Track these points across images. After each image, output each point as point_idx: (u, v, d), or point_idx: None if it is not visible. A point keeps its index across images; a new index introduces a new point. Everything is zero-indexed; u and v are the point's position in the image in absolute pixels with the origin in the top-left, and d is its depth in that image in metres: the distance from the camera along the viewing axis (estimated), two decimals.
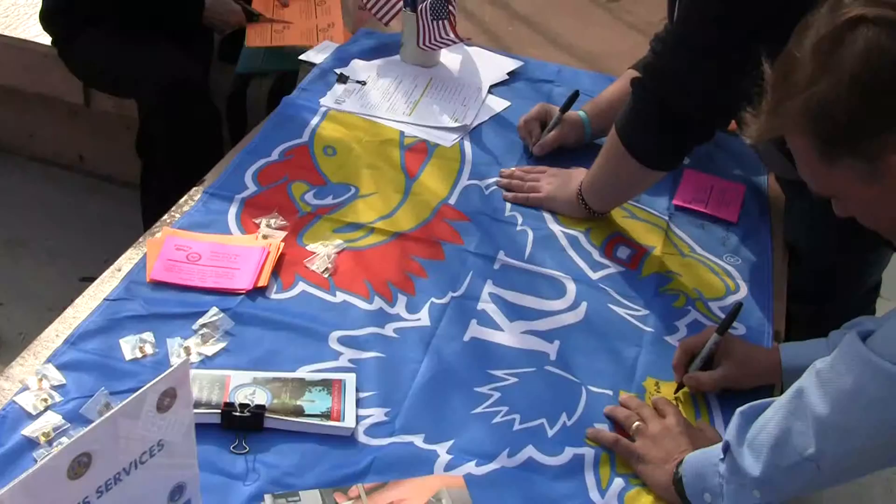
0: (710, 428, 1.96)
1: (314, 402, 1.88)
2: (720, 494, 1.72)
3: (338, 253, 2.30)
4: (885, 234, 1.72)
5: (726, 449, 1.72)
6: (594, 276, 2.35)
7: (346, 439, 1.85)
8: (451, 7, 3.01)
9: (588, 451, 1.90)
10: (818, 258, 2.60)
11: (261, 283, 2.17)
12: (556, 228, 2.49)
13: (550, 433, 1.93)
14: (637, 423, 1.92)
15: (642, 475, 1.86)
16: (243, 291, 2.15)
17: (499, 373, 2.06)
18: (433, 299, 2.22)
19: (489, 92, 3.06)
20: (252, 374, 1.93)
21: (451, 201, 2.54)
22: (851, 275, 2.70)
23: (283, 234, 2.32)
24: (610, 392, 2.05)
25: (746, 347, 2.10)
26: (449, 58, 3.20)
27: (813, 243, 2.54)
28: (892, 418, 1.53)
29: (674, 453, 1.84)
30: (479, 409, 1.97)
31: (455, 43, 3.06)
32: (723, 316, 2.17)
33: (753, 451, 1.67)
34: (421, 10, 2.97)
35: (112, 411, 1.31)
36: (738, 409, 1.74)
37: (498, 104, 3.00)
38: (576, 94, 2.81)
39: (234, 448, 1.80)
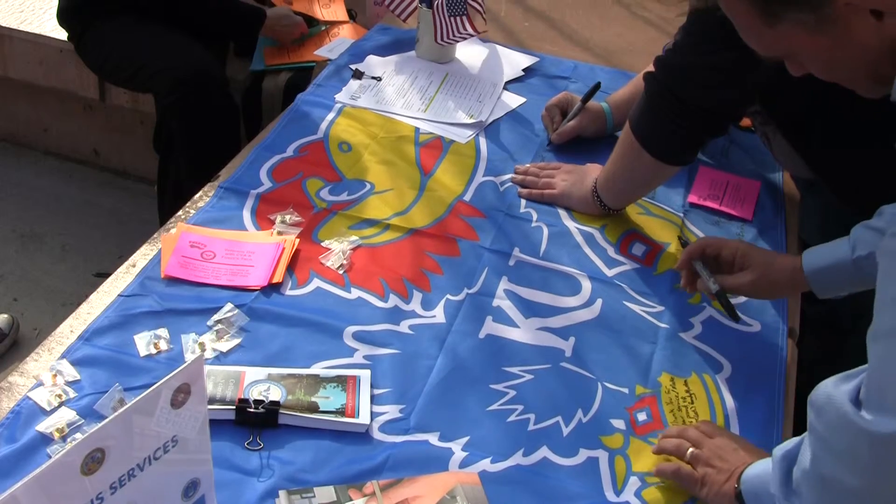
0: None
1: (329, 399, 1.88)
2: None
3: (353, 249, 2.30)
4: (846, 85, 1.64)
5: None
6: (609, 272, 2.34)
7: (361, 436, 1.85)
8: (475, 4, 3.03)
9: (602, 454, 1.89)
10: None
11: (276, 280, 2.17)
12: (571, 225, 2.49)
13: (566, 431, 1.92)
14: (690, 449, 1.83)
15: (706, 499, 1.78)
16: (258, 288, 2.15)
17: (514, 370, 2.05)
18: (448, 296, 2.22)
19: (504, 88, 3.06)
20: (267, 370, 1.93)
21: (467, 198, 2.54)
22: None
23: (298, 230, 2.32)
24: (625, 389, 2.04)
25: (766, 259, 2.09)
26: (464, 54, 3.19)
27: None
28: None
29: (733, 471, 1.76)
30: (494, 407, 1.96)
31: (472, 35, 3.06)
32: (739, 313, 2.16)
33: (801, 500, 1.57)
34: (437, 6, 2.97)
35: (126, 407, 1.31)
36: (777, 455, 1.62)
37: (513, 100, 2.99)
38: (597, 86, 2.81)
39: (248, 444, 1.80)
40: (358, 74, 3.01)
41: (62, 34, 3.84)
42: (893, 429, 1.33)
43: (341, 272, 2.24)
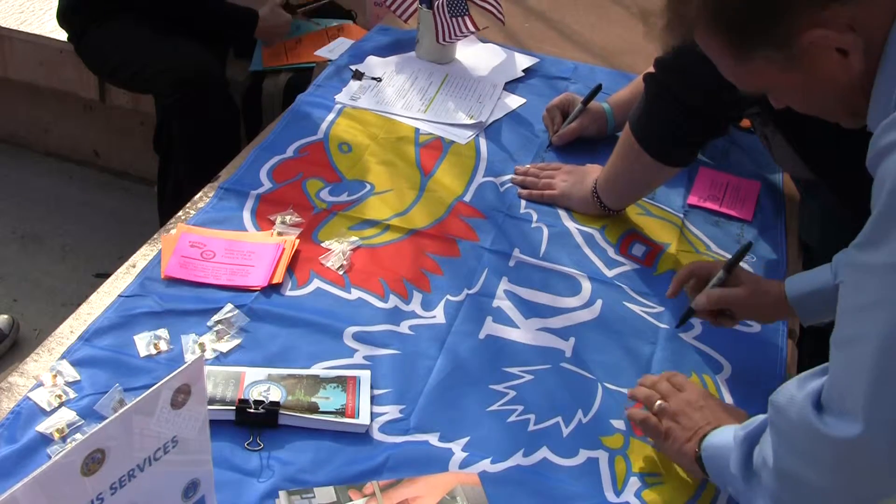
0: (738, 408, 1.92)
1: (329, 399, 1.88)
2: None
3: (353, 250, 2.30)
4: (824, 118, 1.67)
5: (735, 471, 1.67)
6: (609, 273, 2.34)
7: (361, 436, 1.85)
8: (491, 3, 3.05)
9: (602, 454, 1.89)
10: (831, 257, 2.60)
11: (276, 280, 2.17)
12: (571, 225, 2.49)
13: (566, 432, 1.92)
14: (658, 401, 1.88)
15: (667, 454, 1.85)
16: (258, 288, 2.15)
17: (514, 370, 2.05)
18: (448, 296, 2.22)
19: (504, 89, 3.05)
20: (267, 370, 1.93)
21: (467, 198, 2.54)
22: None
23: (298, 230, 2.32)
24: (625, 390, 2.03)
25: (756, 277, 2.12)
26: (464, 54, 3.19)
27: (826, 242, 2.54)
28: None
29: (696, 430, 1.80)
30: (494, 407, 1.96)
31: (473, 33, 3.07)
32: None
33: (764, 493, 1.59)
34: (437, 6, 2.97)
35: (126, 408, 1.31)
36: (739, 436, 1.66)
37: (513, 101, 2.99)
38: (599, 87, 2.82)
39: (248, 445, 1.80)
40: (358, 75, 3.01)
41: (62, 34, 3.84)
42: (852, 434, 1.38)
43: (341, 273, 2.24)
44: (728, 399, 2.04)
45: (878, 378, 1.36)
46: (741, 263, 2.15)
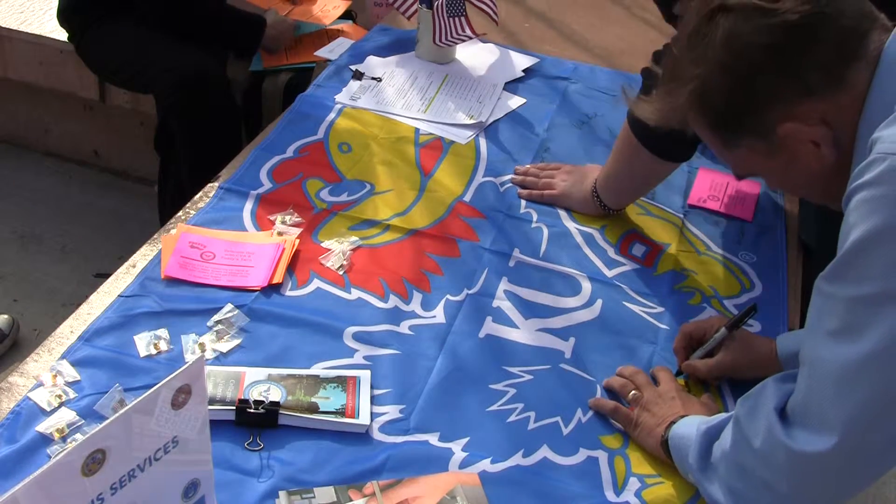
0: (711, 402, 1.98)
1: (329, 399, 1.88)
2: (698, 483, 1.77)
3: (353, 250, 2.30)
4: (809, 199, 1.76)
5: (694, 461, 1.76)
6: (609, 273, 2.34)
7: (361, 436, 1.85)
8: (486, 3, 3.04)
9: (602, 454, 1.89)
10: (832, 258, 2.59)
11: (275, 280, 2.17)
12: (571, 225, 2.49)
13: (565, 431, 1.93)
14: (633, 391, 1.97)
15: (636, 440, 1.91)
16: (258, 288, 2.15)
17: (514, 370, 2.05)
18: (448, 296, 2.22)
19: (504, 89, 3.05)
20: (267, 370, 1.93)
21: (467, 198, 2.54)
22: None
23: (298, 230, 2.32)
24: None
25: (748, 336, 2.11)
26: (464, 54, 3.19)
27: (826, 243, 2.53)
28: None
29: (666, 418, 1.88)
30: (494, 407, 1.96)
31: (470, 38, 3.06)
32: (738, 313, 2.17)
33: (721, 483, 1.69)
34: (437, 6, 2.97)
35: (126, 408, 1.31)
36: (701, 429, 1.75)
37: (513, 101, 2.99)
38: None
39: (248, 445, 1.79)
40: (358, 75, 3.01)
41: (62, 34, 3.84)
42: (809, 449, 1.51)
43: (341, 273, 2.24)
44: (729, 400, 2.04)
45: (840, 397, 1.48)
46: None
